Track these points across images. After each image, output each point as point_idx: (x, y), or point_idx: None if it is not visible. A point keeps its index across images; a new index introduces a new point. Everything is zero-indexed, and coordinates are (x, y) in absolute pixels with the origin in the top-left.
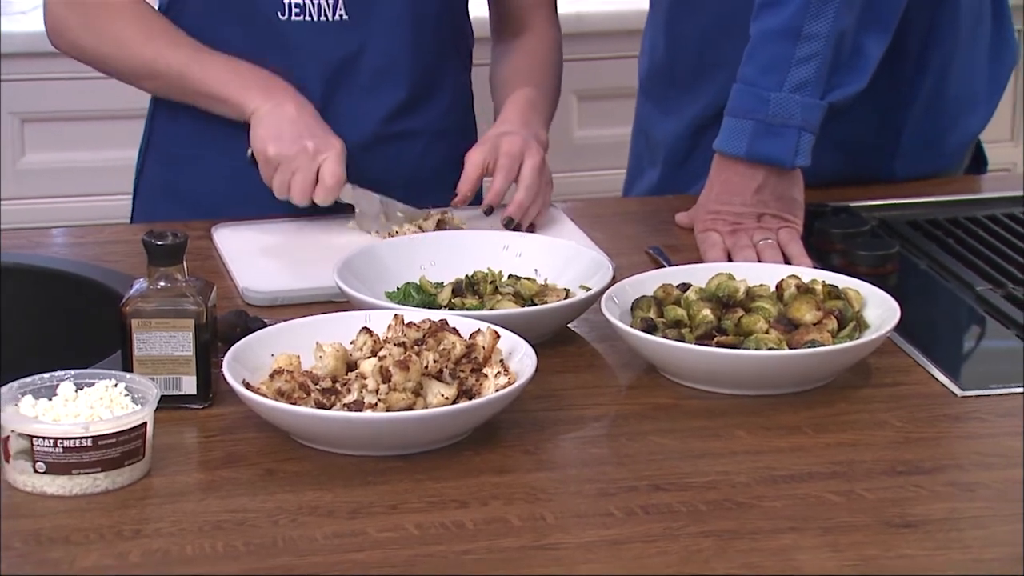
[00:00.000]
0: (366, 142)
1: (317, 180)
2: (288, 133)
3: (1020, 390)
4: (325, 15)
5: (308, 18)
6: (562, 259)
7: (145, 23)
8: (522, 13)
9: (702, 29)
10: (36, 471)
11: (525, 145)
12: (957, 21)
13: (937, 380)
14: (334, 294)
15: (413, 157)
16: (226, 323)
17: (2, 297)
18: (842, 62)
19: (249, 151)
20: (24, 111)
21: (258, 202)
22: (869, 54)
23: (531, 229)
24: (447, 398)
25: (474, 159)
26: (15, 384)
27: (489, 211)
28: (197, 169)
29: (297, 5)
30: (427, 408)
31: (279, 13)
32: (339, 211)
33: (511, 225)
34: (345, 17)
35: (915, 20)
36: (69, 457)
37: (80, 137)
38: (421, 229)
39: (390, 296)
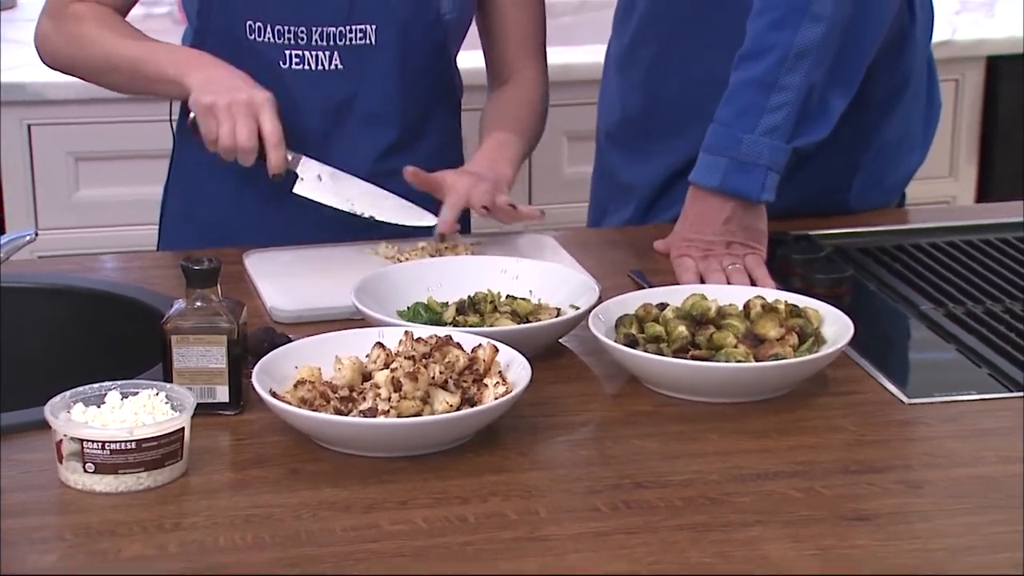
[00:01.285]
0: (362, 177)
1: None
2: (220, 86)
3: (961, 398)
4: (322, 64)
5: (307, 67)
6: (554, 281)
7: (106, 24)
8: (512, 64)
9: (682, 87)
10: (86, 471)
11: (476, 181)
12: (909, 79)
13: (887, 389)
14: (351, 313)
15: (405, 192)
16: (255, 339)
17: (57, 315)
18: (809, 113)
19: (191, 116)
20: (78, 151)
21: (268, 229)
22: (833, 108)
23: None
24: (451, 405)
25: (453, 185)
26: (68, 393)
27: (441, 238)
28: (214, 199)
29: (297, 56)
30: (434, 414)
31: (280, 62)
32: (355, 238)
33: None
34: (340, 67)
35: (878, 79)
36: (115, 458)
37: (127, 174)
38: (432, 254)
39: (401, 314)
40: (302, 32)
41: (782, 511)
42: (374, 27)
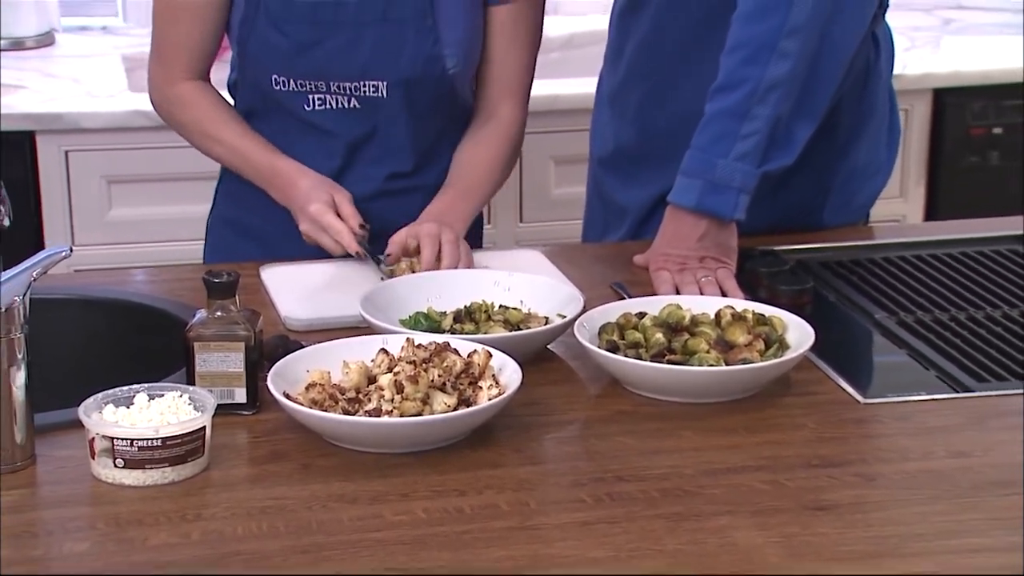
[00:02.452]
0: (374, 195)
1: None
2: (308, 213)
3: (912, 398)
4: (342, 105)
5: (328, 107)
6: (542, 292)
7: (208, 122)
8: (494, 102)
9: (670, 122)
10: (116, 466)
11: (440, 228)
12: (874, 108)
13: (844, 390)
14: (358, 321)
15: (414, 208)
16: (270, 345)
17: (90, 323)
18: (777, 141)
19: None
20: (110, 175)
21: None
22: (798, 137)
23: None
24: (449, 406)
25: (396, 239)
26: (99, 395)
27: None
28: (259, 208)
29: (319, 99)
30: (433, 414)
31: (304, 106)
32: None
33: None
34: (358, 107)
35: (847, 109)
36: (143, 455)
37: (154, 195)
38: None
39: (403, 323)
40: (321, 84)
41: (750, 502)
42: (385, 83)
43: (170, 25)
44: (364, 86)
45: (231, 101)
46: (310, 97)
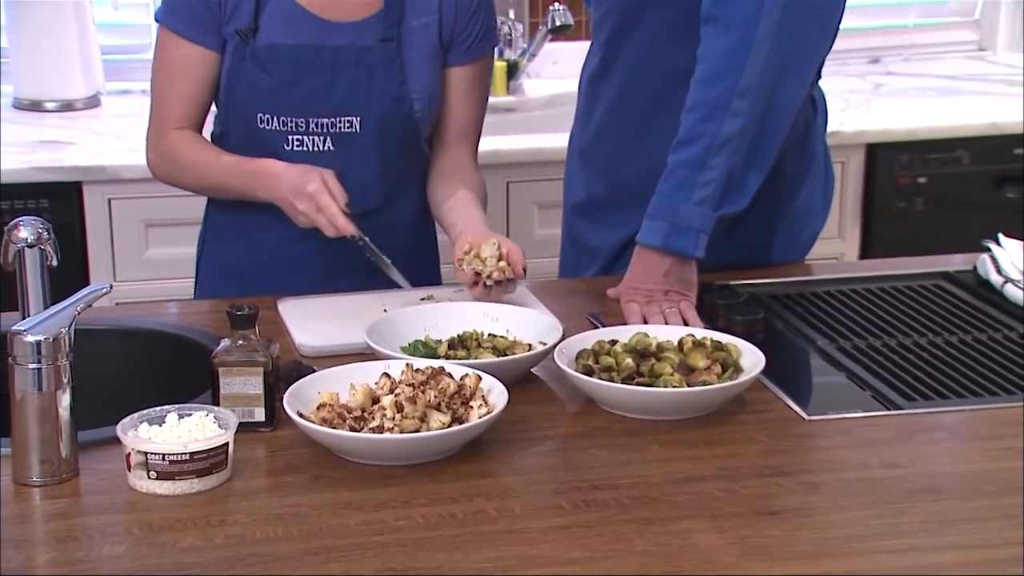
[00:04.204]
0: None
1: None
2: (292, 196)
3: (850, 415)
4: (317, 147)
5: (305, 149)
6: (526, 322)
7: (196, 151)
8: (450, 145)
9: (635, 174)
10: (149, 478)
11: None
12: (813, 159)
13: (791, 408)
14: (363, 348)
15: (385, 242)
16: (286, 370)
17: (128, 350)
18: (731, 189)
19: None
20: (148, 219)
21: (293, 275)
22: (750, 185)
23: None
24: (444, 423)
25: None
26: (135, 415)
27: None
28: (243, 251)
29: (297, 140)
30: (430, 431)
31: (284, 145)
32: (368, 289)
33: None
34: (332, 149)
35: (790, 159)
36: (173, 467)
37: (185, 237)
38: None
39: (403, 350)
40: (301, 122)
41: (709, 507)
42: (358, 119)
43: (166, 86)
44: (340, 122)
45: None
46: (290, 137)
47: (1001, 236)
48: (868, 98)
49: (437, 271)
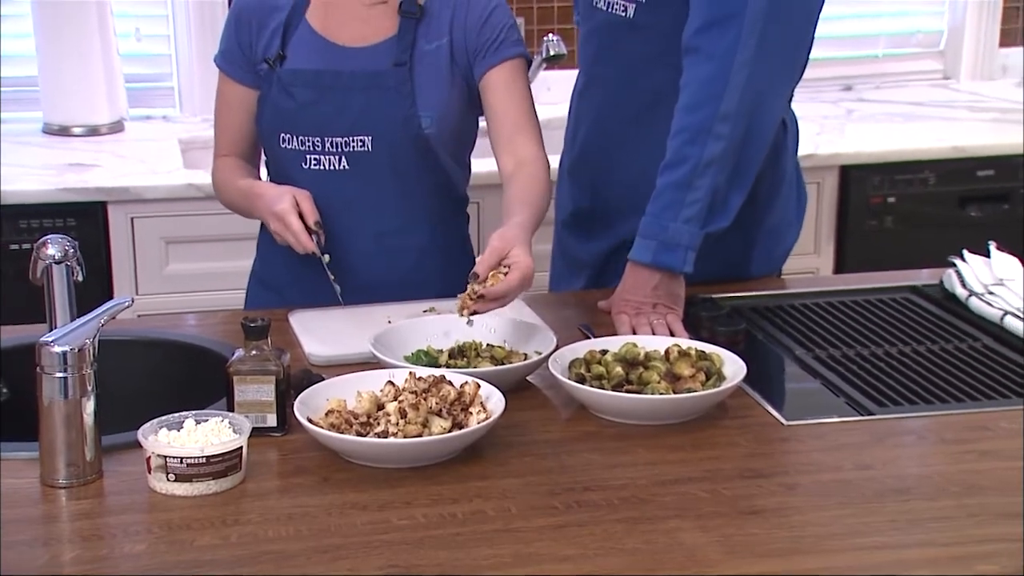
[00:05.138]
0: (368, 252)
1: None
2: (271, 213)
3: (825, 420)
4: (333, 166)
5: (322, 168)
6: (522, 333)
7: (227, 176)
8: (509, 139)
9: (617, 189)
10: (168, 480)
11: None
12: (784, 177)
13: (771, 414)
14: (369, 358)
15: (406, 266)
16: (296, 378)
17: (149, 359)
18: (715, 207)
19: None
20: (168, 236)
21: (317, 290)
22: (733, 203)
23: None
24: (445, 428)
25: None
26: (155, 420)
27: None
28: (280, 266)
29: (315, 159)
30: (431, 435)
31: (302, 164)
32: (374, 302)
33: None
34: (347, 167)
35: (763, 178)
36: (191, 470)
37: (203, 253)
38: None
39: (406, 359)
40: (317, 141)
41: (694, 507)
42: (370, 138)
43: (217, 118)
44: (353, 141)
45: None
46: (307, 157)
47: (966, 252)
48: (841, 123)
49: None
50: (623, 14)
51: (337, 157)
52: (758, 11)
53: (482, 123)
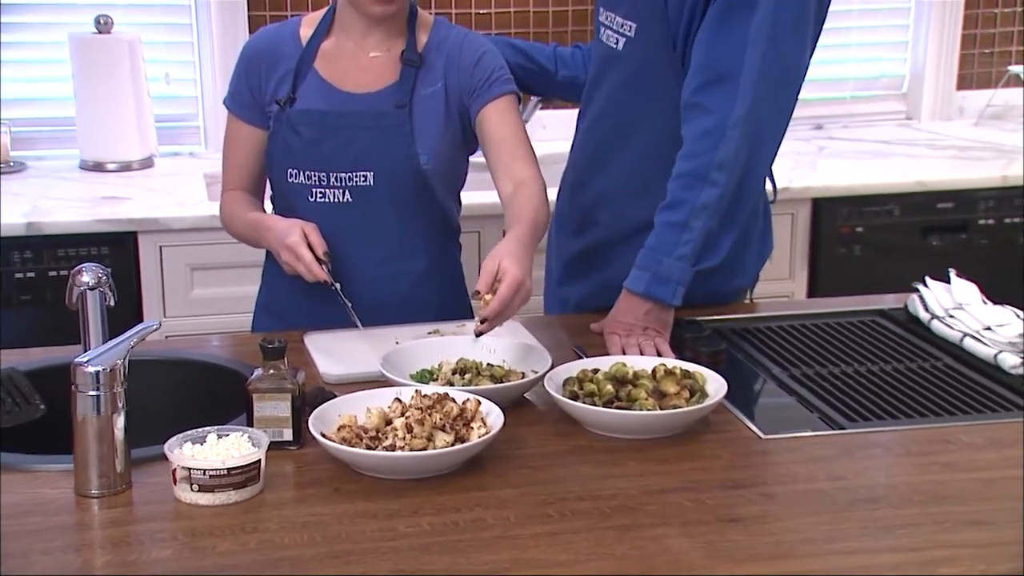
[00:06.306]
0: (369, 277)
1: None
2: (281, 246)
3: (800, 434)
4: (337, 199)
5: (327, 200)
6: (520, 353)
7: (235, 209)
8: (507, 165)
9: (592, 197)
10: (192, 490)
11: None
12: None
13: (750, 428)
14: (378, 376)
15: (405, 290)
16: (311, 395)
17: (175, 378)
18: (707, 247)
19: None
20: (193, 263)
21: (322, 315)
22: (723, 245)
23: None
24: (448, 442)
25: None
26: (180, 435)
27: (479, 335)
28: (286, 294)
29: (320, 192)
30: (435, 449)
31: (308, 197)
32: (374, 322)
33: (479, 336)
34: (351, 200)
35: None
36: (213, 481)
37: (226, 279)
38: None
39: (412, 377)
40: (323, 176)
41: (679, 516)
42: (372, 173)
43: (226, 154)
44: (356, 176)
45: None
46: (313, 190)
47: (928, 279)
48: (813, 159)
49: (469, 310)
50: (615, 46)
51: (341, 191)
52: (753, 71)
53: (480, 158)
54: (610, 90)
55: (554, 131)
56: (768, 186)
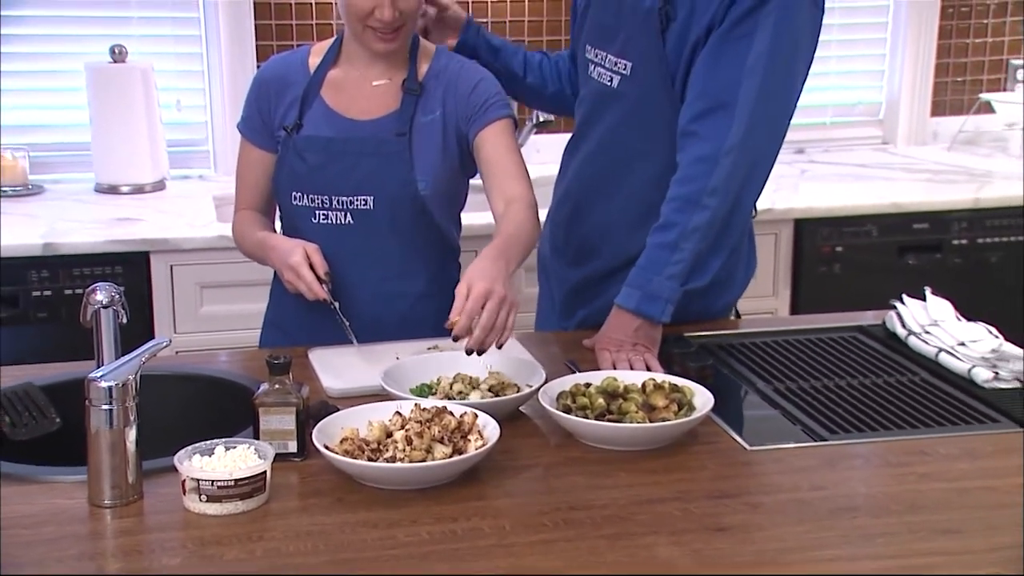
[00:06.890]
0: (370, 297)
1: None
2: (283, 265)
3: (783, 446)
4: (339, 220)
5: (330, 222)
6: (515, 368)
7: (245, 228)
8: (502, 185)
9: (591, 228)
10: (201, 500)
11: (488, 292)
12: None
13: (736, 440)
14: (379, 391)
15: (404, 309)
16: (315, 408)
17: (186, 392)
18: (696, 268)
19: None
20: (203, 282)
21: (325, 332)
22: (711, 266)
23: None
24: (446, 454)
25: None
26: (189, 447)
27: (469, 352)
28: (291, 311)
29: (323, 215)
30: (434, 460)
31: (311, 219)
32: (375, 340)
33: (470, 353)
34: (352, 223)
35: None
36: (220, 491)
37: (234, 296)
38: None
39: (412, 391)
40: (326, 199)
41: (668, 524)
42: (372, 198)
43: (238, 176)
44: (357, 200)
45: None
46: (317, 213)
47: (905, 296)
48: (795, 182)
49: None
50: (609, 84)
51: (343, 213)
52: (748, 101)
53: (479, 181)
54: (608, 126)
55: (548, 155)
56: None
